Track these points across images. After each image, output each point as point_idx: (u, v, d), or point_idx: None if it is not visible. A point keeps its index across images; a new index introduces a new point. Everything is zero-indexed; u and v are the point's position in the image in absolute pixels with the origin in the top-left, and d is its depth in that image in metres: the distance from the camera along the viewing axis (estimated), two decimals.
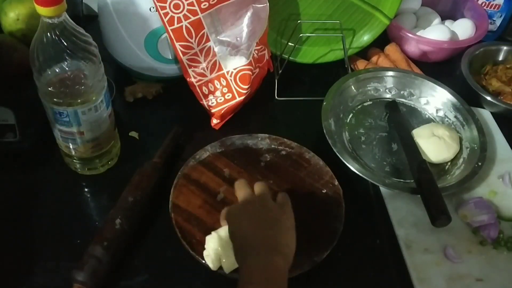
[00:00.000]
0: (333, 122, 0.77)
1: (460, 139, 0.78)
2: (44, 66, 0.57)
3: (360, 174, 0.69)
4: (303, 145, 0.75)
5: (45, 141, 0.71)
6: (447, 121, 0.83)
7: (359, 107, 0.84)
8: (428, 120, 0.84)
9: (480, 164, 0.73)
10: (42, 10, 0.52)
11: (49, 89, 0.58)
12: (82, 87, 0.60)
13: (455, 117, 0.82)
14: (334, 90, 0.80)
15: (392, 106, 0.83)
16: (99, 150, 0.68)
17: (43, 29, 0.55)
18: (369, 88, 0.85)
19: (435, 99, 0.85)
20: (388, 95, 0.86)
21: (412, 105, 0.86)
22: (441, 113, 0.84)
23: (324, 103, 0.77)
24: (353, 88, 0.84)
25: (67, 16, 0.55)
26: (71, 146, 0.66)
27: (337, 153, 0.70)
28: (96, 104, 0.62)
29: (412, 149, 0.74)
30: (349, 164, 0.69)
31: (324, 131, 0.73)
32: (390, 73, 0.86)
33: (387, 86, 0.86)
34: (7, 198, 0.68)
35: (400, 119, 0.81)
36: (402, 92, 0.86)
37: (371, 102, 0.85)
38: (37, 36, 0.56)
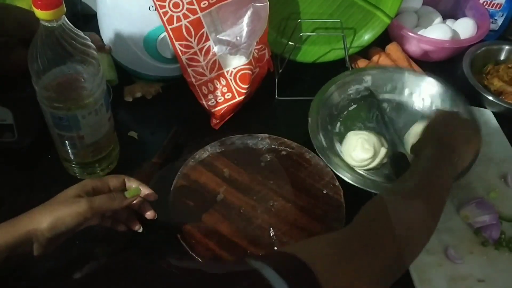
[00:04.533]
0: (323, 137, 0.74)
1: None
2: (43, 69, 0.56)
3: (359, 186, 0.68)
4: (303, 145, 0.75)
5: (43, 141, 0.71)
6: (436, 106, 0.82)
7: (344, 113, 0.82)
8: (416, 112, 0.83)
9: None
10: (40, 14, 0.52)
11: (48, 93, 0.58)
12: (82, 91, 0.59)
13: (443, 100, 0.81)
14: (316, 104, 0.78)
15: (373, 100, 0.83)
16: (99, 154, 0.68)
17: (41, 32, 0.54)
18: (350, 92, 0.83)
19: (419, 88, 0.83)
20: (371, 94, 0.84)
21: (397, 99, 0.85)
22: (428, 101, 0.83)
23: (309, 120, 0.75)
24: (335, 95, 0.81)
25: (66, 20, 0.55)
26: (70, 151, 0.65)
27: (333, 170, 0.70)
28: (96, 108, 0.61)
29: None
30: (346, 177, 0.68)
31: (316, 150, 0.72)
32: (368, 71, 0.85)
33: (368, 85, 0.84)
34: (4, 199, 0.67)
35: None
36: (384, 88, 0.85)
37: (355, 105, 0.83)
38: (35, 39, 0.55)
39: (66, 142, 0.64)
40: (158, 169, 0.69)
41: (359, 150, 0.70)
